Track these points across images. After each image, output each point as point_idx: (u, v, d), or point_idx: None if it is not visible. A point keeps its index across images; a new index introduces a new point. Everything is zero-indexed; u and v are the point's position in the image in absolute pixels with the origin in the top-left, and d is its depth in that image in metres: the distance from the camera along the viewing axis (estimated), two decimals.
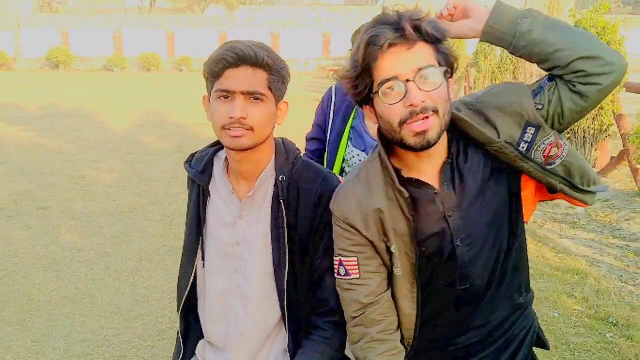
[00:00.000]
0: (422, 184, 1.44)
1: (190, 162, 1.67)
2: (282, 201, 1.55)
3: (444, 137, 1.40)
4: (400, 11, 1.33)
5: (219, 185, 1.62)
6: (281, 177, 1.56)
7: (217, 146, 1.66)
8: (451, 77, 1.40)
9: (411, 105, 1.30)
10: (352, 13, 31.09)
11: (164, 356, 3.11)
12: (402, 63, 1.31)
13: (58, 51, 27.87)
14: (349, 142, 2.26)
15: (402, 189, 1.40)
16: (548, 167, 1.42)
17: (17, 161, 8.02)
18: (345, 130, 2.25)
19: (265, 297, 1.59)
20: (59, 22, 29.79)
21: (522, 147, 1.40)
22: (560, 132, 1.42)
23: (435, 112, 1.32)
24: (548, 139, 1.40)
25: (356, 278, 1.48)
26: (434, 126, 1.32)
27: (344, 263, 1.49)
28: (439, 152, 1.43)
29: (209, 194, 1.62)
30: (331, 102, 2.33)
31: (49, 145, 9.20)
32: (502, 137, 1.40)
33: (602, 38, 5.23)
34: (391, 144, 1.44)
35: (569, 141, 5.66)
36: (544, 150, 1.40)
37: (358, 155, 2.24)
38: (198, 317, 1.72)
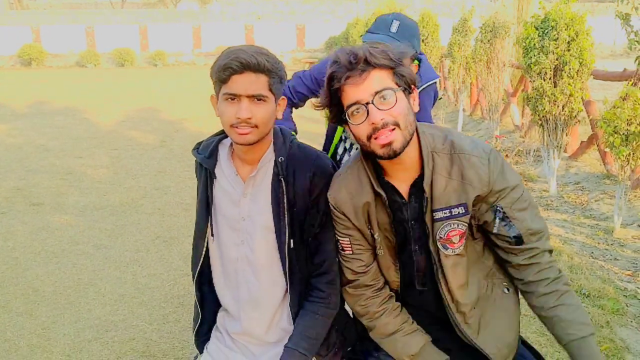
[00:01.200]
0: (395, 191, 1.71)
1: (197, 149, 1.89)
2: (281, 179, 1.77)
3: (416, 154, 1.66)
4: (353, 49, 1.60)
5: (224, 168, 1.84)
6: (280, 158, 1.78)
7: (222, 135, 1.87)
8: (411, 93, 1.65)
9: (373, 123, 1.56)
10: (326, 5, 31.18)
11: (170, 337, 3.30)
12: (360, 90, 1.57)
13: (30, 48, 27.45)
14: None
15: (380, 191, 1.68)
16: (444, 250, 1.69)
17: (3, 159, 8.06)
18: None
19: (271, 265, 1.82)
20: (30, 19, 29.33)
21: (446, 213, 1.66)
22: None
23: (397, 125, 1.57)
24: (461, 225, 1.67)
25: (350, 254, 1.78)
26: (397, 138, 1.57)
27: (339, 241, 1.79)
28: (411, 166, 1.68)
29: (215, 177, 1.84)
30: None
31: (33, 143, 9.23)
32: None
33: (570, 29, 5.51)
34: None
35: (541, 128, 5.94)
36: (450, 231, 1.67)
37: None
38: (211, 287, 1.94)
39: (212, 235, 1.87)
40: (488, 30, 8.30)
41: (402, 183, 1.70)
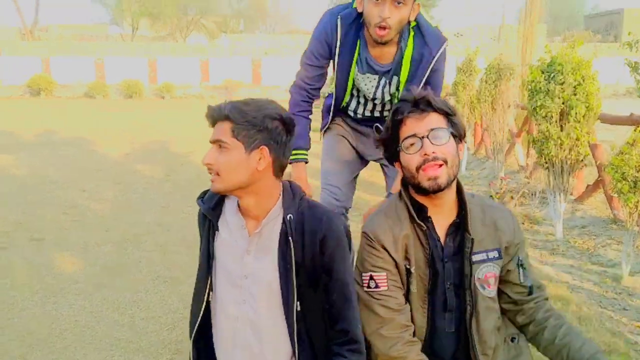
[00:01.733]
0: (433, 227, 1.82)
1: (202, 198, 1.84)
2: (290, 238, 1.69)
3: (454, 198, 1.82)
4: (417, 93, 1.83)
5: (229, 220, 1.78)
6: (289, 216, 1.71)
7: None
8: (460, 142, 1.84)
9: (425, 155, 1.75)
10: None
11: None
12: (418, 125, 1.79)
13: (39, 78, 27.67)
14: (357, 67, 2.67)
15: (421, 223, 1.80)
16: (481, 290, 1.83)
17: (7, 191, 8.02)
18: (354, 60, 2.64)
19: (276, 328, 1.73)
20: (40, 50, 29.74)
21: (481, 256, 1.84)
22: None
23: (445, 162, 1.75)
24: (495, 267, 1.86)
25: (385, 290, 1.80)
26: (443, 174, 1.74)
27: (374, 277, 1.82)
28: (449, 209, 1.83)
29: (217, 229, 1.77)
30: (336, 33, 2.59)
31: (37, 174, 9.20)
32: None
33: (576, 74, 5.51)
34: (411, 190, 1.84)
35: (547, 171, 5.89)
36: (487, 272, 1.84)
37: (368, 77, 2.69)
38: (207, 343, 1.85)
39: (211, 290, 1.80)
40: (493, 72, 8.31)
41: (438, 225, 1.84)
